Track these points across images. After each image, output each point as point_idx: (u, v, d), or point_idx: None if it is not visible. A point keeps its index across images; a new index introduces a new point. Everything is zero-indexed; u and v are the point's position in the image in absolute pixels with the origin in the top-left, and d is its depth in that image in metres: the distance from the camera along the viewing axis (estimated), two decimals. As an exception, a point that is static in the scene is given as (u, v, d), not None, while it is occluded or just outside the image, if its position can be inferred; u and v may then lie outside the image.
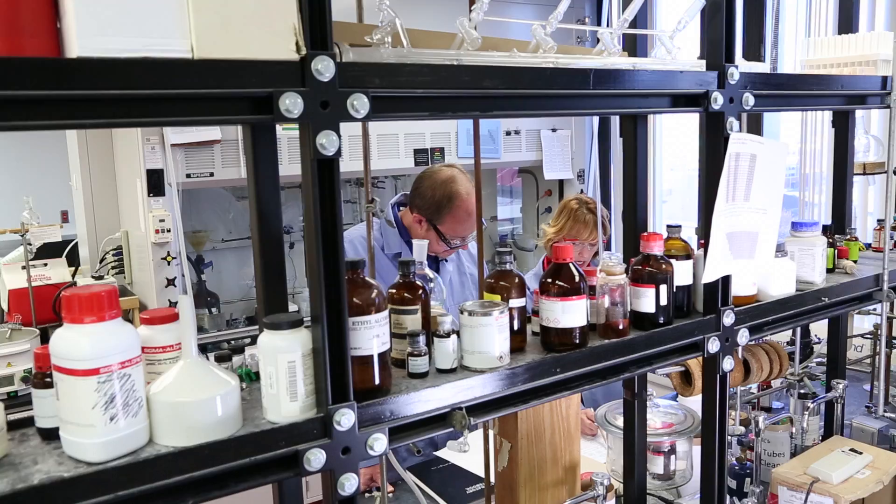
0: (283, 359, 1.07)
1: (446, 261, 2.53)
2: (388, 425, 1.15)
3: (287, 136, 3.53)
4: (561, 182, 4.45)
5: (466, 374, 1.27)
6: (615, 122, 4.30)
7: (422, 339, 1.27)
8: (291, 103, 0.99)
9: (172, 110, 0.93)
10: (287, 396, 1.08)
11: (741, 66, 1.51)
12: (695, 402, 2.15)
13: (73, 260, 3.92)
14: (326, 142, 1.02)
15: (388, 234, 2.49)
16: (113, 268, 3.65)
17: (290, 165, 3.52)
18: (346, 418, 1.09)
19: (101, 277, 3.44)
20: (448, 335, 1.28)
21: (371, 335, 1.16)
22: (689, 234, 1.64)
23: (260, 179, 1.21)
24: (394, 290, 1.33)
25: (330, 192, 1.06)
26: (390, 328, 1.32)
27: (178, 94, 0.93)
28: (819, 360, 2.43)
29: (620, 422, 1.97)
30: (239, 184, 3.68)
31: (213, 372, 1.08)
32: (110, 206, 3.78)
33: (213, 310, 3.80)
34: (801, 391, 2.28)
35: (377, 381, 1.18)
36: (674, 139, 4.50)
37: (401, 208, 2.57)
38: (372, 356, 1.17)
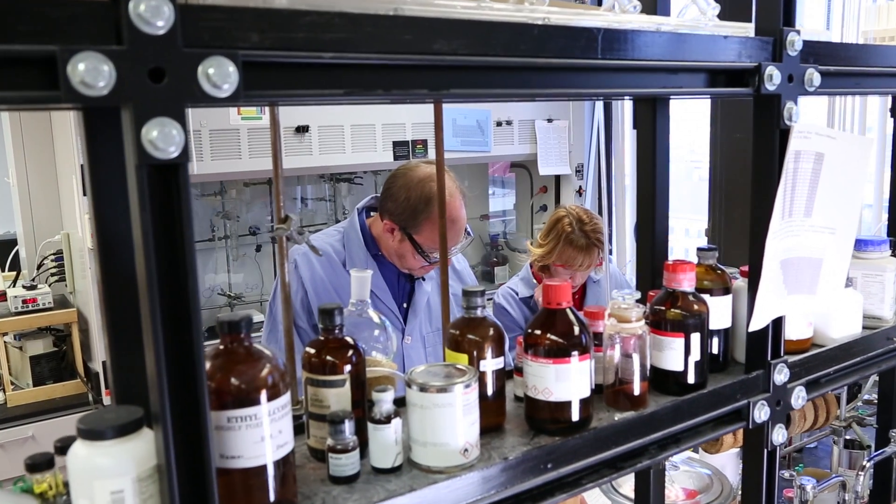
0: (104, 488, 0.66)
1: (423, 279, 2.10)
2: (285, 575, 0.74)
3: (247, 127, 3.15)
4: (557, 178, 4.03)
5: (415, 479, 0.86)
6: (618, 107, 3.90)
7: (349, 426, 0.86)
8: (91, 71, 0.58)
9: None
10: (112, 546, 0.67)
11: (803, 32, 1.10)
12: (721, 460, 1.75)
13: (18, 264, 3.51)
14: (159, 136, 0.61)
15: (353, 245, 2.06)
16: (52, 275, 3.24)
17: (249, 160, 3.13)
18: (207, 580, 0.68)
19: (34, 287, 3.02)
20: (388, 420, 0.88)
21: (258, 436, 0.75)
22: (687, 226, 1.24)
23: (102, 193, 0.79)
24: (312, 351, 0.92)
25: (178, 216, 0.65)
26: (306, 405, 0.92)
27: None
28: (867, 396, 2.02)
29: (629, 488, 1.57)
30: (190, 180, 3.26)
31: (-6, 505, 0.67)
32: (51, 205, 3.37)
33: (168, 321, 3.39)
34: (848, 437, 1.89)
35: (272, 498, 0.78)
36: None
37: (371, 214, 2.14)
38: (264, 467, 0.76)
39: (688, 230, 5.14)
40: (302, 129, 3.21)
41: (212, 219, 3.58)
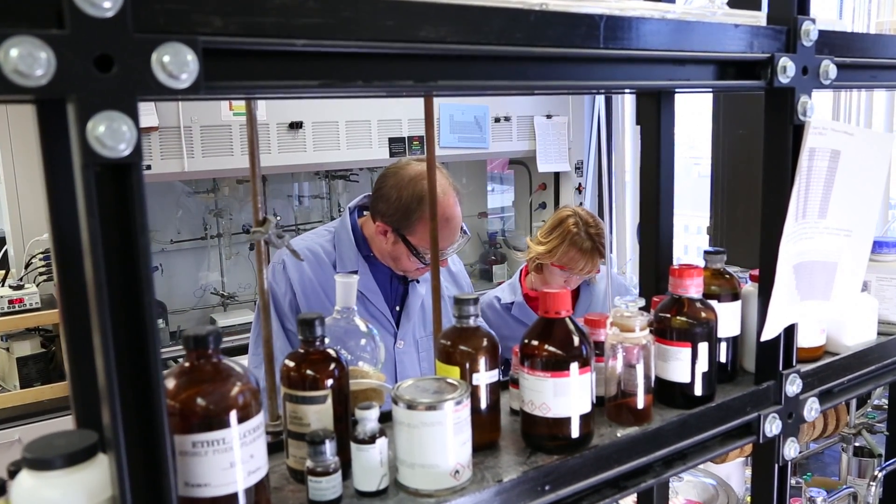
0: (51, 524, 0.60)
1: (417, 281, 2.02)
2: None
3: (239, 123, 3.08)
4: (557, 175, 3.96)
5: (402, 502, 0.80)
6: (618, 102, 3.83)
7: (329, 447, 0.80)
8: (26, 59, 0.51)
9: None
10: (61, 588, 0.61)
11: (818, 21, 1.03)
12: (727, 469, 1.69)
13: (7, 263, 3.44)
14: (107, 132, 0.54)
15: (344, 246, 1.98)
16: (41, 274, 3.17)
17: (242, 157, 3.06)
18: None
19: (21, 286, 2.95)
20: (372, 440, 0.81)
21: (227, 461, 0.68)
22: (686, 223, 1.17)
23: (58, 194, 0.73)
24: (291, 365, 0.85)
25: (132, 222, 0.58)
26: (285, 423, 0.85)
27: None
28: (877, 401, 1.96)
29: (630, 499, 1.51)
30: (181, 178, 3.21)
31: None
32: (39, 202, 3.26)
33: (159, 321, 3.33)
34: (857, 444, 1.83)
35: (246, 530, 0.71)
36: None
37: (363, 213, 2.06)
38: (234, 496, 0.69)
39: (687, 226, 5.06)
40: (296, 125, 3.14)
41: (204, 217, 3.52)
